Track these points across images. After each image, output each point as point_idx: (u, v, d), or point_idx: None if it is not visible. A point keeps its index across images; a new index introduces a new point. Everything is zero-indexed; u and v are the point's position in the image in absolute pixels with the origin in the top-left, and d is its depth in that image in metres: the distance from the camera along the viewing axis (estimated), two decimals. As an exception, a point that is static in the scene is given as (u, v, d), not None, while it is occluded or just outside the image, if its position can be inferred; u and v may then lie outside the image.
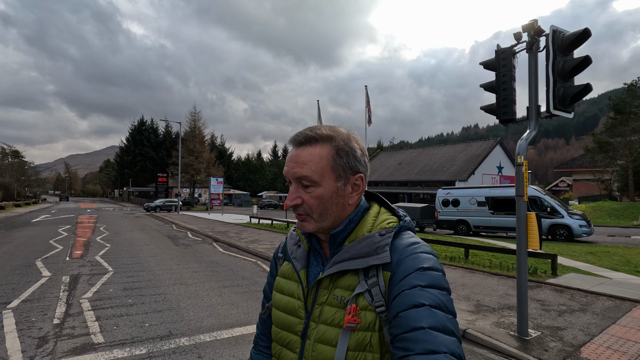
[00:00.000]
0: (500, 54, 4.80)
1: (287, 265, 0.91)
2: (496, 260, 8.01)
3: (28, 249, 9.90)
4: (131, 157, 75.01)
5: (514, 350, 3.69)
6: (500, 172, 33.07)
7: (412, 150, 43.21)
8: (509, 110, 4.61)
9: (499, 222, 15.50)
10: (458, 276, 6.80)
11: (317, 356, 0.77)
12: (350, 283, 0.77)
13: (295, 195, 0.80)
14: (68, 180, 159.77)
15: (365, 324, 0.73)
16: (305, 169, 0.78)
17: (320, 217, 0.80)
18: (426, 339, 0.64)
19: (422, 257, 0.74)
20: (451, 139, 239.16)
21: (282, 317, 0.86)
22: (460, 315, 4.63)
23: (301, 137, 0.81)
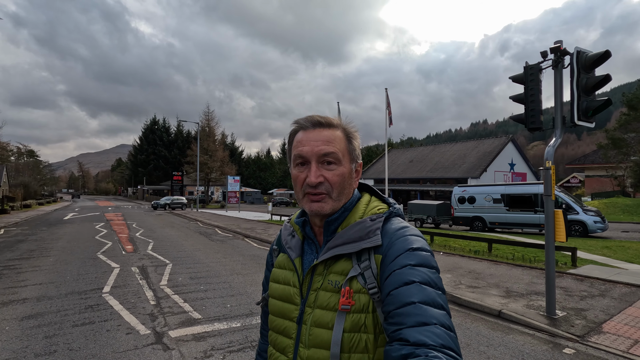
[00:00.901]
0: (528, 69, 5.43)
1: (282, 256, 0.95)
2: (518, 254, 8.66)
3: (82, 245, 10.82)
4: (144, 155, 76.52)
5: (544, 326, 4.38)
6: (512, 169, 33.33)
7: (424, 148, 43.57)
8: (536, 119, 5.26)
9: (515, 218, 16.05)
10: (484, 267, 7.49)
11: (314, 339, 0.79)
12: (344, 268, 0.80)
13: (319, 173, 0.82)
14: (81, 178, 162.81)
15: (359, 306, 0.76)
16: (332, 146, 0.82)
17: (338, 197, 0.83)
18: (417, 312, 0.67)
19: (411, 239, 0.78)
20: (460, 135, 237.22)
21: (278, 304, 0.89)
22: (493, 299, 5.32)
23: (319, 119, 0.85)
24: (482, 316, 4.88)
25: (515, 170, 33.36)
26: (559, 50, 5.00)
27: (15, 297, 5.40)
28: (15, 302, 5.19)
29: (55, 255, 8.94)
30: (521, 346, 3.88)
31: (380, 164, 43.43)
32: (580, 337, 4.06)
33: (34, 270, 7.24)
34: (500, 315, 4.84)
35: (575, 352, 3.75)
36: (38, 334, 4.00)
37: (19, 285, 6.12)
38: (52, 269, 7.41)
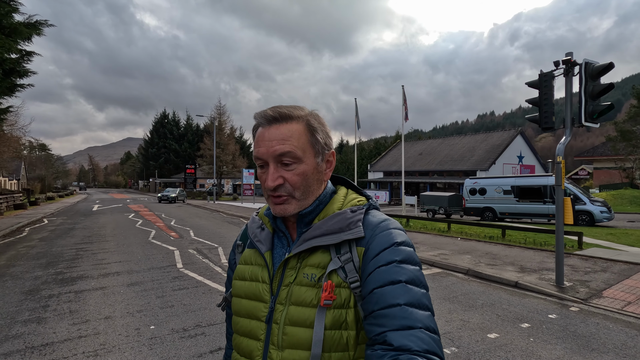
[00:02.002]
0: (543, 76, 6.30)
1: (248, 251, 0.89)
2: (529, 239, 9.59)
3: (128, 232, 11.95)
4: (155, 149, 77.87)
5: (555, 292, 5.33)
6: (520, 161, 33.93)
7: (433, 141, 44.19)
8: (549, 120, 6.14)
9: (524, 208, 16.90)
10: (499, 250, 8.44)
11: (290, 339, 0.73)
12: (321, 260, 0.76)
13: (277, 175, 0.76)
14: (92, 171, 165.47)
15: (340, 301, 0.72)
16: (288, 145, 0.75)
17: (303, 196, 0.78)
18: (402, 315, 0.65)
19: (395, 233, 0.75)
20: (466, 127, 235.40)
21: (243, 303, 0.82)
22: (509, 273, 6.28)
23: (275, 114, 0.77)
24: (502, 286, 5.84)
25: (524, 162, 33.97)
26: (569, 62, 5.85)
27: (108, 271, 6.48)
28: (112, 274, 6.27)
29: (112, 241, 10.05)
30: (536, 305, 4.85)
31: (389, 157, 44.20)
32: (584, 300, 5.01)
33: (105, 252, 8.34)
34: (517, 285, 5.80)
35: (580, 310, 4.70)
36: (150, 295, 5.05)
37: (102, 262, 7.21)
38: (119, 250, 8.51)
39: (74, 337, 3.70)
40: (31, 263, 7.20)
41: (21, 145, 58.70)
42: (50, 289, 5.41)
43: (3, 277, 6.12)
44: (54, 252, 8.40)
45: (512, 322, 4.24)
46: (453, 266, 6.97)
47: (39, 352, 3.38)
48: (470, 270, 6.63)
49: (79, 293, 5.20)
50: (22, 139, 50.78)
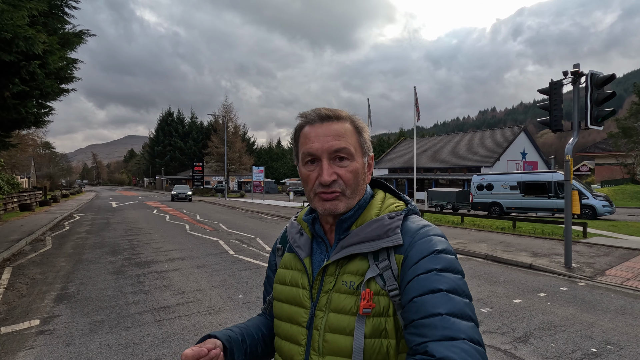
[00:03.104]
0: (553, 84, 7.16)
1: (288, 255, 0.89)
2: (538, 229, 10.49)
3: (163, 225, 12.87)
4: (161, 147, 78.71)
5: (564, 271, 6.23)
6: (524, 157, 34.71)
7: (437, 138, 44.96)
8: (559, 123, 7.01)
9: (530, 203, 17.78)
10: (512, 239, 9.34)
11: (330, 346, 0.73)
12: (359, 268, 0.76)
13: (332, 170, 0.76)
14: (95, 169, 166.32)
15: (379, 309, 0.72)
16: (343, 141, 0.77)
17: (353, 194, 0.78)
18: (444, 325, 0.63)
19: (435, 240, 0.74)
20: (468, 124, 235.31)
21: (284, 307, 0.83)
22: (523, 258, 7.17)
23: (328, 112, 0.79)
24: (518, 268, 6.74)
25: (527, 159, 34.76)
26: (577, 73, 6.72)
27: (171, 257, 7.40)
28: (176, 259, 7.18)
29: (155, 233, 10.96)
30: (549, 281, 5.76)
31: (394, 154, 45.02)
32: (589, 278, 5.92)
33: (156, 242, 9.26)
34: (531, 267, 6.70)
35: (586, 284, 5.61)
36: (222, 274, 5.96)
37: (161, 250, 8.13)
38: (168, 241, 9.42)
39: (183, 302, 4.61)
40: (97, 251, 8.11)
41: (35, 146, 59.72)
42: (132, 270, 6.33)
43: (83, 262, 7.04)
44: (109, 242, 9.32)
45: (531, 292, 5.15)
46: (472, 252, 7.87)
47: (163, 311, 4.29)
48: (488, 256, 7.53)
49: (160, 273, 6.12)
50: (37, 140, 51.77)
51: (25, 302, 4.72)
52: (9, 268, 6.58)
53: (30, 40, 6.97)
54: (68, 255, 7.67)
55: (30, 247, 8.68)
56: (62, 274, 6.11)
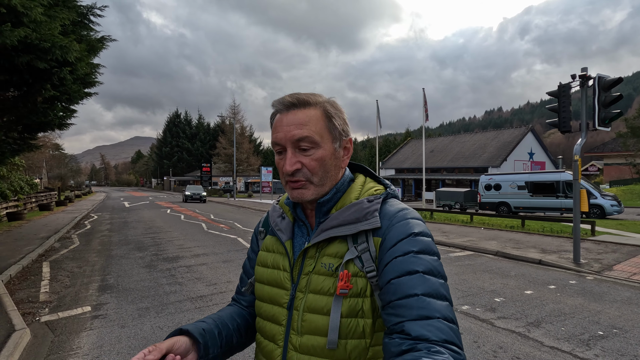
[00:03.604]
0: (561, 87, 7.44)
1: (270, 238, 0.91)
2: (547, 228, 10.74)
3: (180, 224, 13.31)
4: (169, 148, 79.67)
5: (573, 266, 6.51)
6: (531, 157, 34.74)
7: (444, 138, 45.07)
8: (567, 124, 7.29)
9: (538, 203, 17.96)
10: (521, 237, 9.61)
11: (308, 326, 0.76)
12: (338, 250, 0.78)
13: (295, 160, 0.77)
14: (104, 170, 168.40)
15: (356, 290, 0.74)
16: (306, 129, 0.76)
17: (321, 181, 0.79)
18: (420, 305, 0.65)
19: (412, 223, 0.75)
20: (474, 124, 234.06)
21: (266, 289, 0.85)
22: (533, 254, 7.45)
23: (293, 99, 0.79)
24: (528, 263, 7.03)
25: (535, 159, 34.78)
26: (585, 76, 7.00)
27: (195, 253, 7.80)
28: (200, 255, 7.58)
29: (174, 231, 11.40)
30: (559, 275, 6.05)
31: (400, 154, 45.21)
32: (597, 272, 6.19)
33: (178, 240, 9.67)
34: (540, 262, 6.99)
35: (594, 278, 5.89)
36: (247, 268, 6.32)
37: (184, 247, 8.54)
38: (188, 238, 9.84)
39: (217, 292, 5.00)
40: (124, 248, 8.55)
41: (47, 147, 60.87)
42: (162, 264, 6.73)
43: (114, 257, 7.47)
44: (133, 239, 9.76)
45: (542, 284, 5.45)
46: (483, 249, 8.17)
47: (200, 300, 4.68)
48: (499, 252, 7.83)
49: (189, 267, 6.51)
50: (47, 141, 52.75)
51: (71, 292, 5.13)
52: (46, 262, 7.02)
53: (65, 48, 7.41)
54: (97, 252, 8.10)
55: (59, 244, 9.14)
56: (98, 268, 6.53)
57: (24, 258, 7.01)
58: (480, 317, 4.06)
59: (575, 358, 3.10)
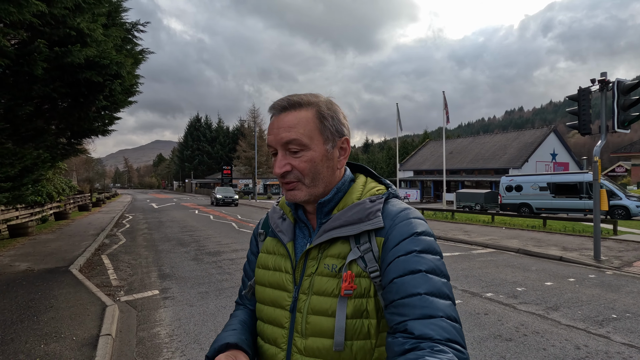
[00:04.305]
0: (581, 91, 7.76)
1: (270, 240, 0.90)
2: (569, 227, 10.93)
3: (211, 224, 14.13)
4: (190, 151, 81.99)
5: (593, 263, 6.83)
6: (554, 158, 34.19)
7: (463, 139, 44.80)
8: (587, 127, 7.60)
9: (561, 204, 17.92)
10: (542, 236, 9.87)
11: (313, 328, 0.76)
12: (341, 251, 0.78)
13: (284, 162, 0.78)
14: (127, 173, 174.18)
15: (360, 290, 0.74)
16: (294, 132, 0.77)
17: (313, 182, 0.79)
18: (423, 305, 0.66)
19: (415, 223, 0.76)
20: (493, 124, 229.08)
21: (267, 292, 0.85)
22: (554, 251, 7.77)
23: (284, 102, 0.80)
24: (548, 260, 7.36)
25: (557, 160, 34.20)
26: (604, 81, 7.31)
27: (234, 248, 8.49)
28: (240, 250, 8.26)
29: (209, 230, 12.19)
30: (578, 270, 6.39)
31: (419, 155, 45.21)
32: (617, 268, 6.49)
33: (214, 237, 10.42)
34: (561, 259, 7.32)
35: (613, 273, 6.20)
36: (285, 261, 6.94)
37: (222, 243, 9.26)
38: (224, 235, 10.57)
39: (263, 281, 5.62)
40: (167, 244, 9.34)
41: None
42: (207, 258, 7.44)
43: (161, 252, 8.25)
44: (172, 237, 10.58)
45: (561, 277, 5.83)
46: (504, 247, 8.52)
47: (251, 286, 5.31)
48: (520, 249, 8.17)
49: (232, 260, 7.19)
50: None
51: (137, 279, 5.88)
52: (104, 255, 7.86)
53: (120, 64, 8.28)
54: (145, 247, 8.92)
55: (108, 241, 10.04)
56: (151, 260, 7.30)
57: (85, 252, 7.87)
58: (504, 302, 4.53)
59: (589, 333, 3.55)
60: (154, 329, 3.81)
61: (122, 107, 13.04)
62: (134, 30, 11.56)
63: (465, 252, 8.14)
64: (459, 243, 9.41)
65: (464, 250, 8.31)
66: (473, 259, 7.30)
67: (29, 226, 10.49)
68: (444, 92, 17.87)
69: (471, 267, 6.51)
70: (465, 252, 8.04)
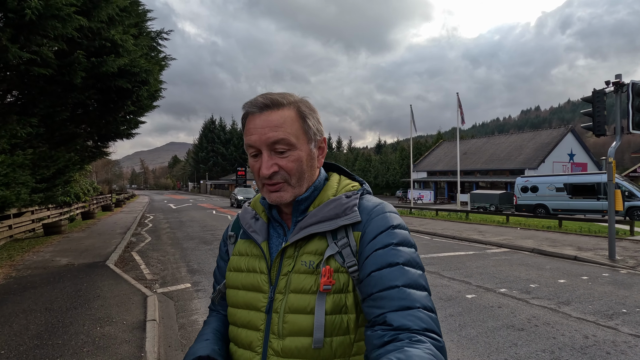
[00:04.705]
0: (595, 93, 7.87)
1: (242, 242, 0.88)
2: (585, 228, 10.94)
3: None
4: (204, 153, 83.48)
5: (607, 262, 6.93)
6: (571, 159, 33.59)
7: (477, 140, 44.40)
8: (602, 128, 7.70)
9: (578, 205, 17.75)
10: (557, 236, 9.94)
11: (291, 327, 0.74)
12: (318, 247, 0.77)
13: (271, 162, 0.76)
14: (143, 175, 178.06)
15: (339, 285, 0.74)
16: (281, 132, 0.75)
17: (298, 182, 0.79)
18: (401, 297, 0.67)
19: (391, 216, 0.77)
20: (509, 124, 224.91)
21: (241, 294, 0.82)
22: (568, 251, 7.88)
23: (266, 101, 0.77)
24: (563, 259, 7.49)
25: (575, 160, 33.59)
26: (619, 83, 7.41)
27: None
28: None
29: (227, 229, 12.62)
30: (592, 269, 6.52)
31: (432, 156, 45.00)
32: (631, 268, 6.59)
33: (234, 236, 10.83)
34: (575, 259, 7.43)
35: (627, 272, 6.31)
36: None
37: (243, 241, 9.64)
38: (243, 235, 10.96)
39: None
40: (191, 242, 9.80)
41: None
42: (230, 255, 7.83)
43: (187, 249, 8.70)
44: (195, 235, 11.05)
45: (575, 276, 5.99)
46: (519, 246, 8.66)
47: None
48: (535, 249, 8.30)
49: (255, 257, 7.55)
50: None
51: (168, 274, 6.31)
52: (134, 253, 8.35)
53: (149, 72, 8.80)
54: (170, 245, 9.40)
55: (135, 239, 10.58)
56: (178, 257, 7.74)
57: (117, 249, 8.38)
58: (516, 297, 4.75)
59: (598, 325, 3.76)
60: (192, 317, 4.20)
61: (147, 112, 13.67)
62: (158, 38, 12.14)
63: (479, 251, 8.32)
64: (473, 243, 9.57)
65: (478, 250, 8.48)
66: (487, 258, 7.48)
67: (62, 225, 11.14)
68: (457, 93, 17.96)
69: (485, 265, 6.71)
70: (480, 252, 8.22)
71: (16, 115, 7.19)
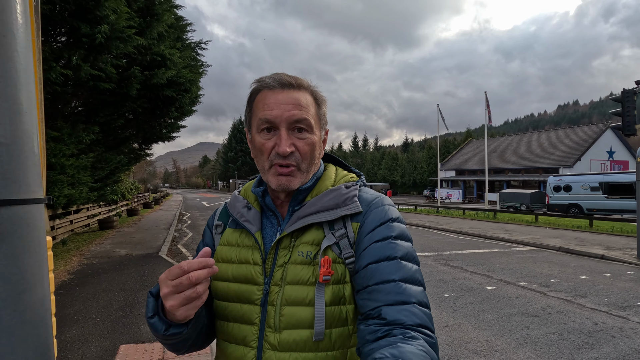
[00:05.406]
0: (625, 93, 7.89)
1: (231, 232, 0.83)
2: (617, 228, 10.79)
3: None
4: (233, 153, 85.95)
5: (635, 261, 7.00)
6: (611, 157, 32.02)
7: (508, 138, 43.16)
8: (631, 128, 7.73)
9: (614, 205, 17.15)
10: (587, 235, 9.91)
11: (288, 320, 0.72)
12: (315, 238, 0.75)
13: (290, 141, 0.73)
14: (175, 174, 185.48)
15: (337, 276, 0.73)
16: (305, 112, 0.74)
17: (308, 168, 0.77)
18: (397, 291, 0.66)
19: (390, 209, 0.77)
20: (544, 120, 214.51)
21: (232, 287, 0.78)
22: (596, 250, 7.95)
23: (291, 79, 0.76)
24: (589, 258, 7.59)
25: (615, 158, 31.99)
26: (648, 82, 7.41)
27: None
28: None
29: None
30: (618, 267, 6.64)
31: (461, 155, 44.20)
32: (660, 266, 6.64)
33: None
34: (602, 257, 7.52)
35: (654, 271, 6.40)
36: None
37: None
38: (275, 231, 11.68)
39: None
40: (228, 237, 10.60)
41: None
42: (266, 248, 8.52)
43: (226, 243, 9.49)
44: (231, 231, 11.86)
45: (598, 273, 6.17)
46: (545, 245, 8.78)
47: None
48: (561, 248, 8.41)
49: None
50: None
51: (213, 263, 7.05)
52: (180, 246, 9.25)
53: (192, 81, 9.69)
54: (210, 239, 10.23)
55: (178, 234, 11.56)
56: (219, 250, 8.51)
57: (165, 242, 9.32)
58: (535, 289, 5.07)
59: (609, 315, 4.06)
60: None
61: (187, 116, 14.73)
62: (197, 48, 13.10)
63: (504, 249, 8.54)
64: (499, 241, 9.75)
65: (504, 248, 8.70)
66: (512, 255, 7.72)
67: (114, 220, 12.35)
68: (485, 92, 17.85)
69: (509, 262, 6.98)
70: (505, 249, 8.44)
71: (82, 124, 8.23)
